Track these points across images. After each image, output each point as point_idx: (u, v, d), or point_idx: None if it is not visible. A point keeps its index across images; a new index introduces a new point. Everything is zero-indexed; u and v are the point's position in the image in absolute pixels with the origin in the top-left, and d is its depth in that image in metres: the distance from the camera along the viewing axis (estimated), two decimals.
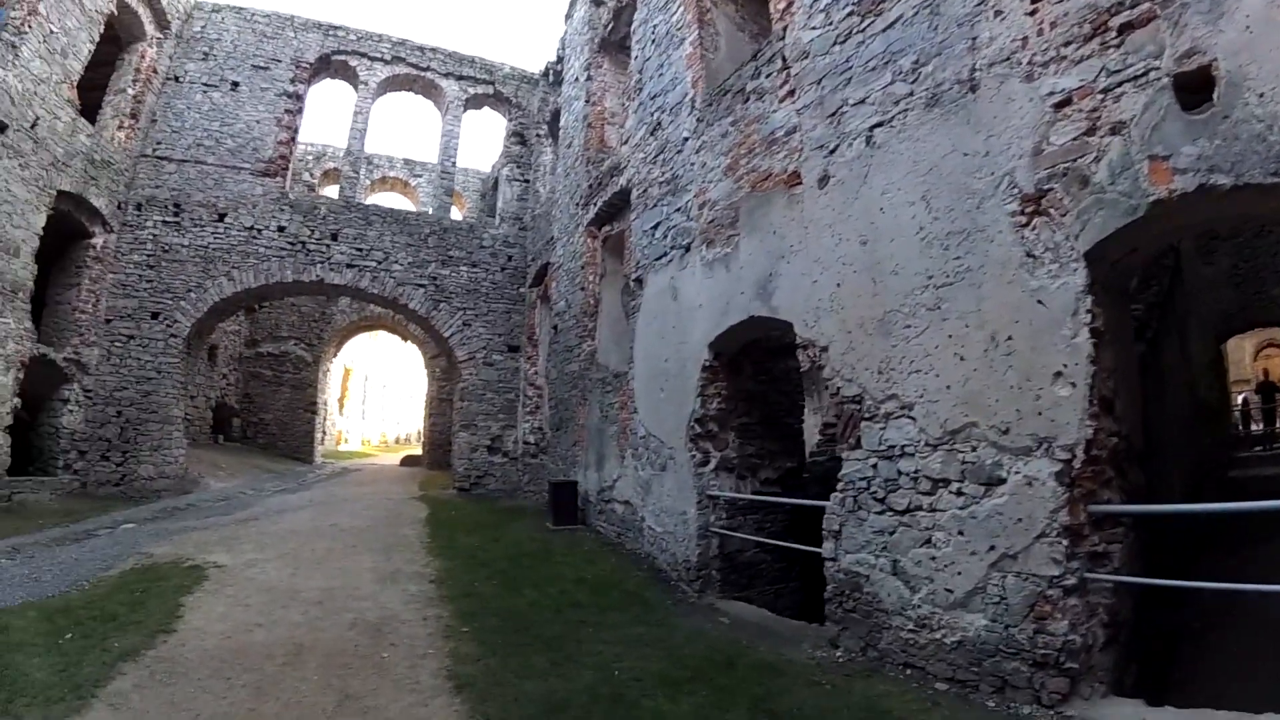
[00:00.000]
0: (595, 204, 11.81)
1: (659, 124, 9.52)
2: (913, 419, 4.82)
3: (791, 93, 6.55)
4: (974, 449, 4.41)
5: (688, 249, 8.25)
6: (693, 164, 8.36)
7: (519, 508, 13.46)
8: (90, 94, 13.89)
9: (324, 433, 25.94)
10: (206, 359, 20.37)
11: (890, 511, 4.94)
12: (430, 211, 17.56)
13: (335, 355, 26.59)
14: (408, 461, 25.67)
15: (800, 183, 6.24)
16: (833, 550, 5.42)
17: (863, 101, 5.61)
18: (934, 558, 4.60)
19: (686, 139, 8.60)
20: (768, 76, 7.01)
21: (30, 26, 11.32)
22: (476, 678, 4.76)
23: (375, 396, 41.87)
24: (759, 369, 8.05)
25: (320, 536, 9.67)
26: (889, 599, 4.90)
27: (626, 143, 10.94)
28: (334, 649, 5.32)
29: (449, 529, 10.73)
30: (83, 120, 12.91)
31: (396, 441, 43.54)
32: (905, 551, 4.80)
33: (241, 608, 6.29)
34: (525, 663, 5.06)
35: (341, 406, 34.54)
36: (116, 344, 13.74)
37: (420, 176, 25.66)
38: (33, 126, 11.55)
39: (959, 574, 4.43)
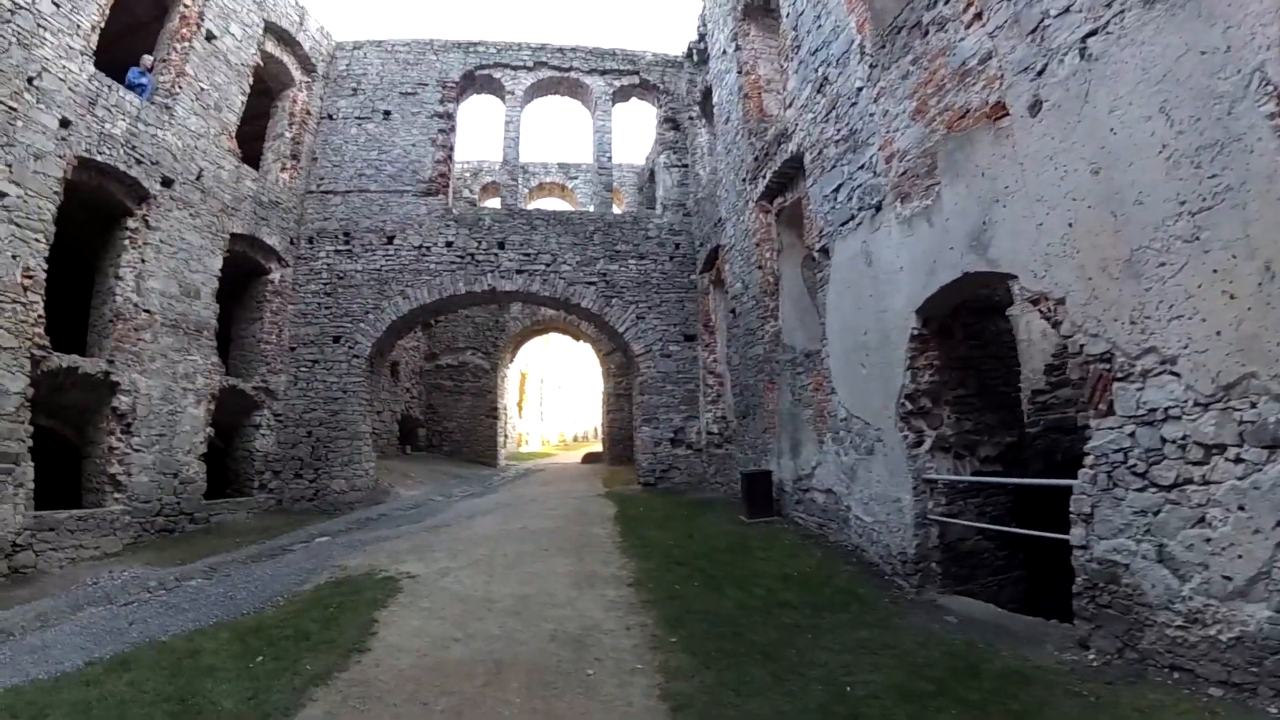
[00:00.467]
0: (764, 177, 11.58)
1: (825, 79, 9.15)
2: (1176, 375, 4.24)
3: (979, 15, 6.02)
4: (1253, 405, 3.81)
5: (878, 208, 7.82)
6: (871, 114, 7.94)
7: (707, 500, 13.52)
8: (254, 144, 15.57)
9: (505, 436, 27.46)
10: (390, 375, 22.12)
11: (1154, 487, 4.38)
12: (591, 209, 18.11)
13: (511, 361, 28.05)
14: (589, 459, 26.62)
15: (1006, 114, 5.71)
16: (1083, 537, 4.89)
17: (1067, 10, 5.02)
18: (1208, 540, 4.02)
19: (860, 89, 8.18)
20: (946, 3, 6.53)
21: (180, 87, 12.75)
22: (693, 697, 4.59)
23: (551, 398, 43.99)
24: (969, 333, 7.50)
25: (511, 540, 10.10)
26: (1153, 591, 4.36)
27: (790, 106, 10.60)
28: (535, 665, 5.29)
29: (639, 526, 10.93)
30: (246, 167, 14.45)
31: (574, 440, 45.44)
32: (1173, 534, 4.24)
33: (437, 620, 6.50)
34: (743, 676, 4.90)
35: (520, 410, 36.58)
36: (302, 369, 15.20)
37: (576, 178, 26.51)
38: (198, 178, 13.05)
39: (1239, 557, 3.85)
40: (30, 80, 9.72)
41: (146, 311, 11.82)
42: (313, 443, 14.99)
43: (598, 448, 29.12)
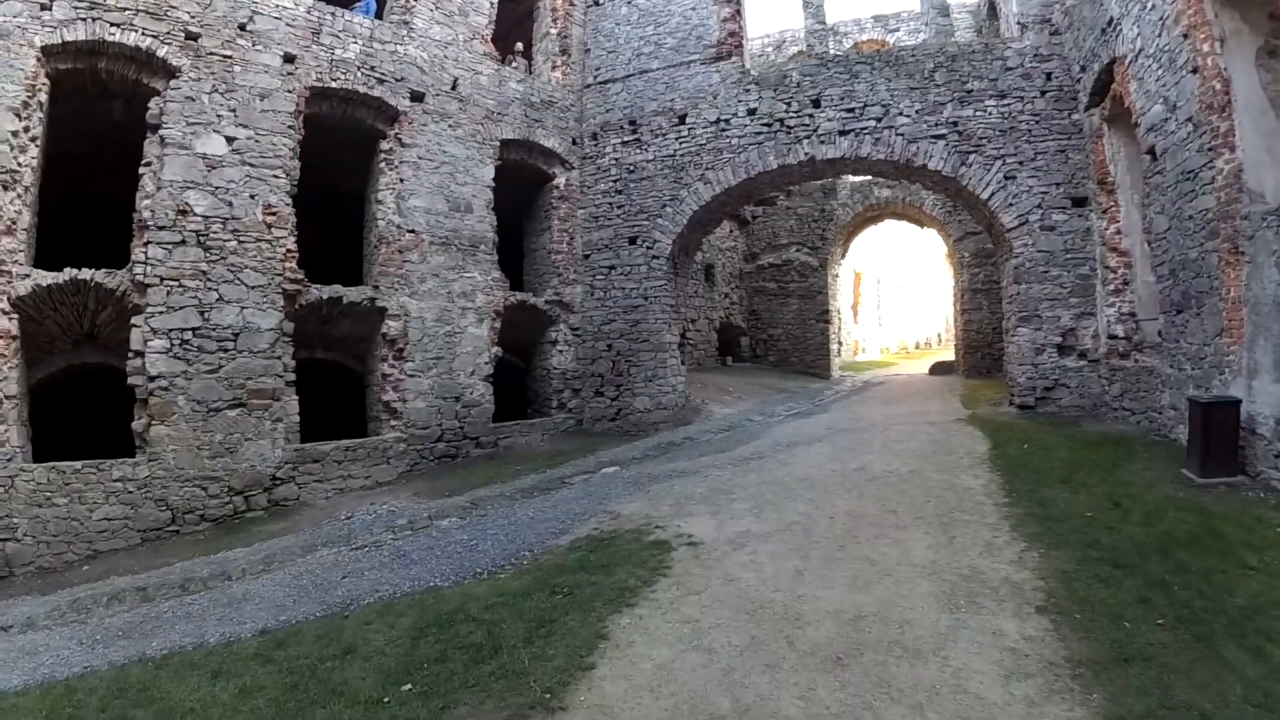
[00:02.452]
0: None
1: None
2: None
3: None
4: None
5: None
6: None
7: (1116, 436, 9.73)
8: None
9: (839, 343, 24.63)
10: (704, 279, 20.33)
11: None
12: (927, 39, 14.21)
13: (843, 257, 24.87)
14: (938, 369, 22.84)
15: None
16: None
17: None
18: None
19: None
20: None
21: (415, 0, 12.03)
22: None
23: (889, 299, 39.68)
24: None
25: (842, 489, 7.61)
26: None
27: None
28: None
29: (1028, 476, 7.82)
30: (507, 69, 13.34)
31: (916, 347, 40.89)
32: None
33: (696, 654, 4.31)
34: None
35: (855, 314, 33.16)
36: (598, 278, 14.00)
37: (897, 29, 22.98)
38: (453, 87, 12.21)
39: None
40: (242, 26, 9.79)
41: (411, 232, 11.38)
42: (613, 357, 13.90)
43: (946, 355, 25.27)
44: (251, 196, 9.57)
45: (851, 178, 22.70)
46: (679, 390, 13.94)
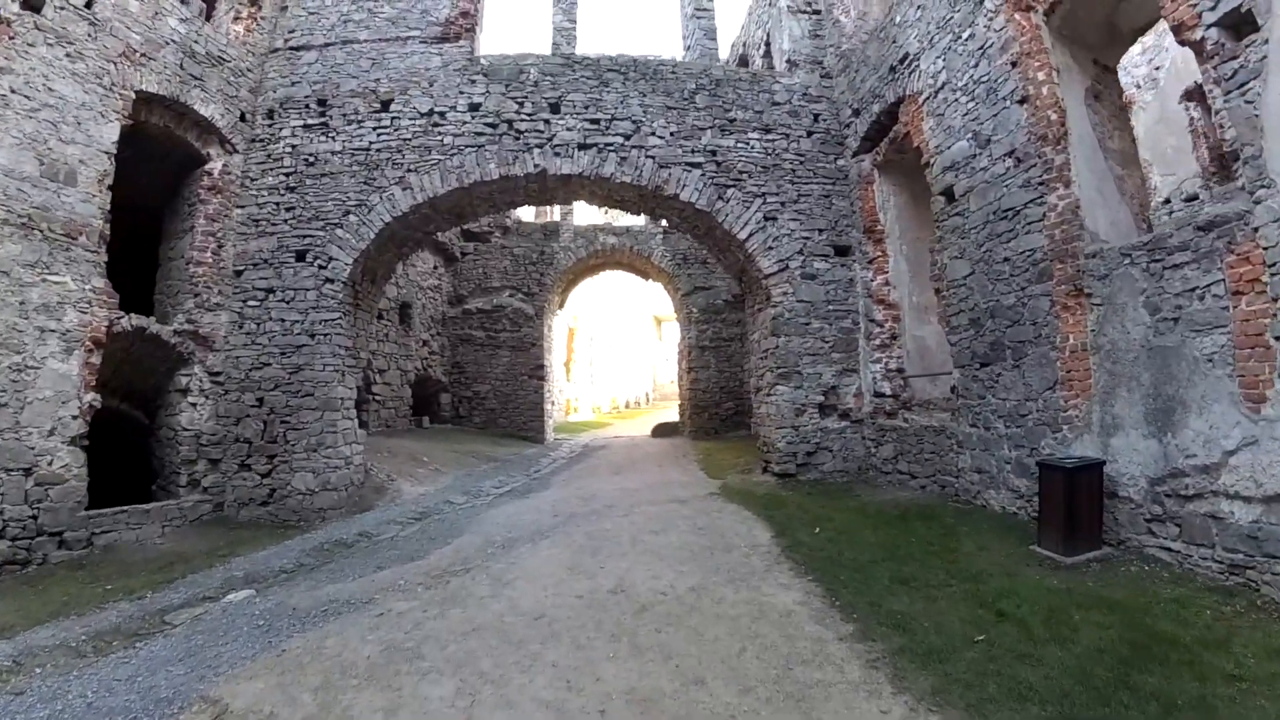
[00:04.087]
0: None
1: None
2: None
3: None
4: None
5: None
6: None
7: (906, 504, 8.58)
8: None
9: (553, 403, 22.92)
10: (398, 321, 17.38)
11: None
12: (690, 59, 13.06)
13: (560, 307, 23.24)
14: (661, 431, 21.72)
15: None
16: None
17: None
18: None
19: None
20: None
21: None
22: None
23: (601, 357, 39.10)
24: None
25: (605, 637, 5.10)
26: None
27: None
28: None
29: (852, 580, 6.01)
30: (171, 0, 9.93)
31: (627, 406, 40.70)
32: None
33: None
34: None
35: (568, 371, 31.84)
36: (250, 303, 10.65)
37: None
38: (88, 5, 8.69)
39: None
40: None
41: None
42: (264, 415, 10.36)
43: (664, 415, 24.47)
44: None
45: (576, 221, 21.36)
46: (355, 464, 10.84)
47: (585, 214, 22.42)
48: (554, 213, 22.08)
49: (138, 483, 10.26)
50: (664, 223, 20.68)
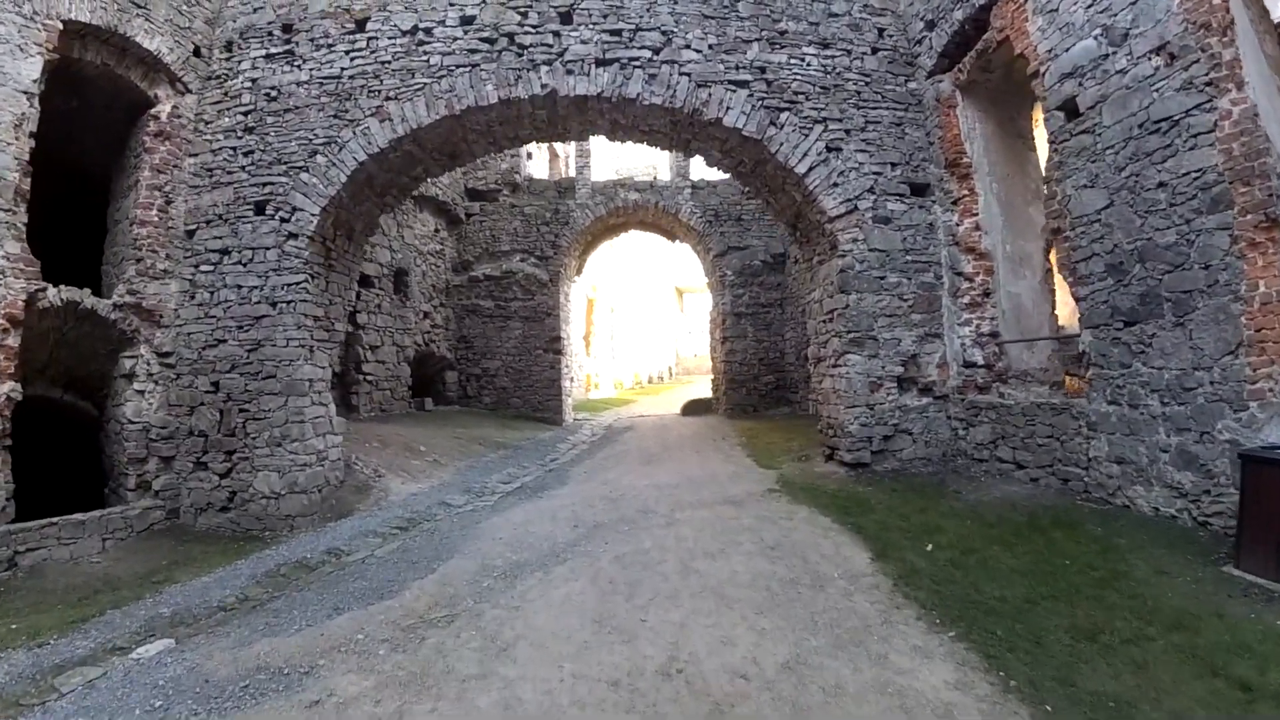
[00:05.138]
0: None
1: None
2: None
3: None
4: None
5: None
6: None
7: (1029, 508, 6.76)
8: None
9: (572, 379, 21.23)
10: (393, 289, 15.55)
11: None
12: None
13: (578, 273, 21.47)
14: (693, 409, 20.14)
15: None
16: None
17: None
18: None
19: None
20: None
21: None
22: None
23: (623, 329, 37.29)
24: None
25: None
26: None
27: None
28: None
29: (1021, 643, 4.14)
30: None
31: (650, 382, 38.96)
32: None
33: None
34: None
35: (588, 344, 30.10)
36: (203, 269, 8.98)
37: None
38: None
39: None
40: None
41: None
42: (221, 403, 8.69)
43: (687, 391, 22.72)
44: None
45: (594, 176, 19.53)
46: (331, 459, 9.15)
47: (603, 169, 20.60)
48: (569, 167, 20.28)
49: (93, 487, 8.75)
50: (691, 178, 18.75)
